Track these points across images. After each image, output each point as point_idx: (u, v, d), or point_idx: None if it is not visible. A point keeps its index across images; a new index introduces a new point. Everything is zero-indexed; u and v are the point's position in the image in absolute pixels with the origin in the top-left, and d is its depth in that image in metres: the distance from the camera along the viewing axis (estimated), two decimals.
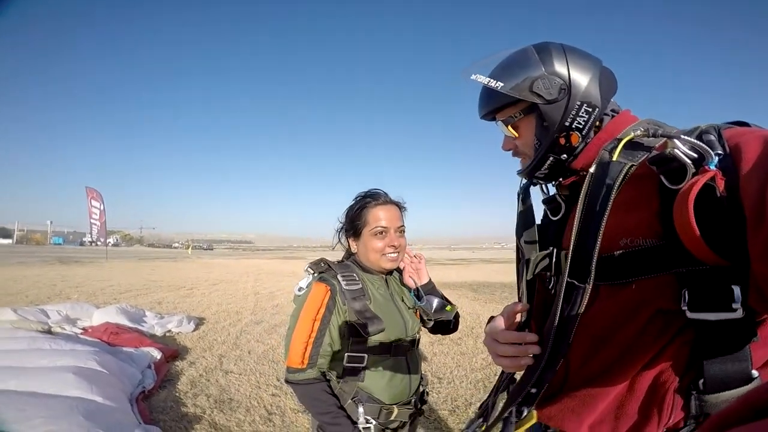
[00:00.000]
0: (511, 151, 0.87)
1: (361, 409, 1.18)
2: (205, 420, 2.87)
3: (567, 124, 0.74)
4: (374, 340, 1.21)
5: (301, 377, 1.18)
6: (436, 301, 1.33)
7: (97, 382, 2.70)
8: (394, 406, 1.23)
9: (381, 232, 1.26)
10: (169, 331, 5.29)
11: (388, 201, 1.32)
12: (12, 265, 16.86)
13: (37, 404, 2.17)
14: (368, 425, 1.18)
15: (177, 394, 3.28)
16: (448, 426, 2.86)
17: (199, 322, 5.98)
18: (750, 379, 0.57)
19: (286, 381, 1.21)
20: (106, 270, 15.87)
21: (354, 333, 1.20)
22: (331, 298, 1.20)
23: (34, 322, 4.29)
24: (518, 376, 0.77)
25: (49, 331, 4.16)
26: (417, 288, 1.35)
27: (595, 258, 0.63)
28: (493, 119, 0.85)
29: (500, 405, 0.80)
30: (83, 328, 4.67)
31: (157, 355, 3.88)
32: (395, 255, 1.29)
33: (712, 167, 0.56)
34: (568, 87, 0.73)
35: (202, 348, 4.66)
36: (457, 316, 1.39)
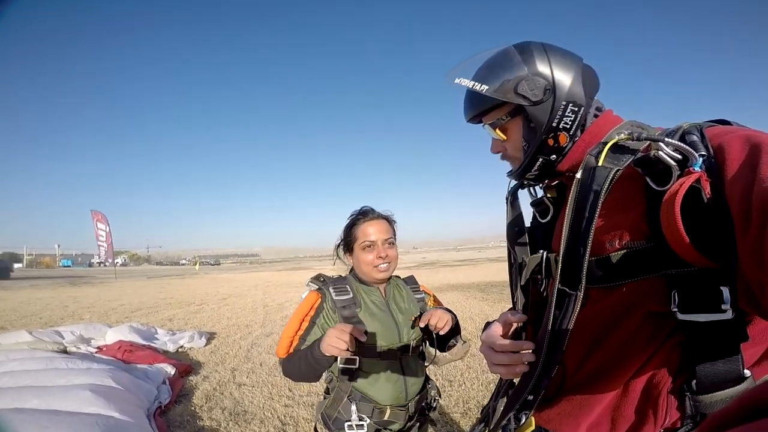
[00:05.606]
0: (500, 154, 0.86)
1: (354, 407, 1.28)
2: None
3: (554, 124, 0.73)
4: (365, 343, 1.28)
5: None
6: (459, 344, 1.37)
7: (115, 399, 2.76)
8: (387, 406, 1.30)
9: (369, 246, 1.36)
10: (182, 346, 5.35)
11: (376, 216, 1.41)
12: (24, 288, 17.09)
13: (59, 422, 2.23)
14: (361, 423, 1.27)
15: (193, 408, 3.33)
16: (461, 429, 2.88)
17: (211, 336, 6.05)
18: (742, 378, 0.56)
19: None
20: (116, 290, 16.04)
21: None
22: (320, 304, 1.34)
23: (50, 343, 4.37)
24: (517, 381, 0.77)
25: (64, 351, 4.24)
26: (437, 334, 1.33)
27: (585, 265, 0.62)
28: (480, 122, 0.83)
29: (500, 410, 0.80)
30: (98, 347, 4.74)
31: (171, 370, 3.94)
32: (385, 265, 1.37)
33: (697, 168, 0.55)
34: (552, 87, 0.72)
35: (215, 362, 4.72)
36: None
